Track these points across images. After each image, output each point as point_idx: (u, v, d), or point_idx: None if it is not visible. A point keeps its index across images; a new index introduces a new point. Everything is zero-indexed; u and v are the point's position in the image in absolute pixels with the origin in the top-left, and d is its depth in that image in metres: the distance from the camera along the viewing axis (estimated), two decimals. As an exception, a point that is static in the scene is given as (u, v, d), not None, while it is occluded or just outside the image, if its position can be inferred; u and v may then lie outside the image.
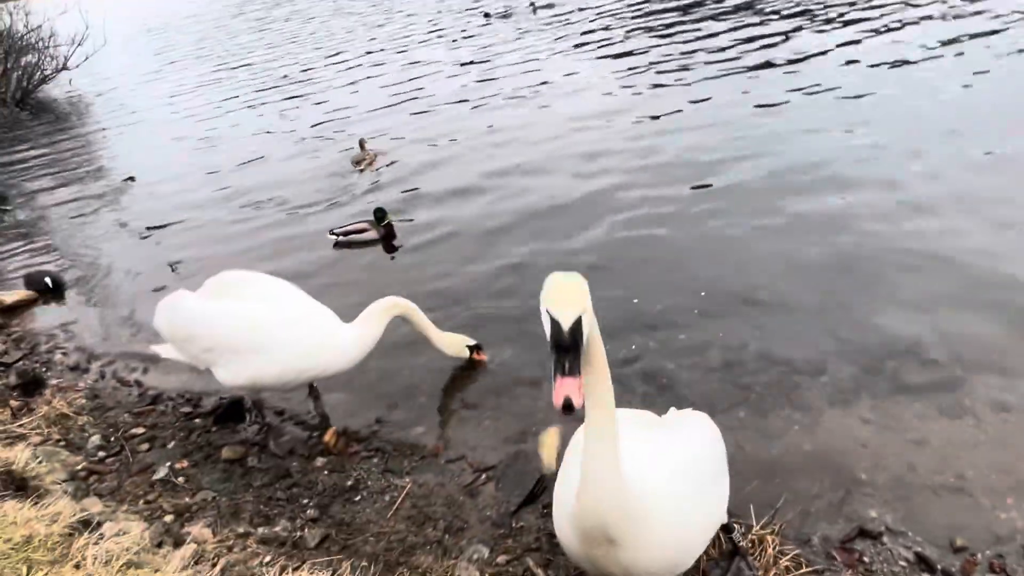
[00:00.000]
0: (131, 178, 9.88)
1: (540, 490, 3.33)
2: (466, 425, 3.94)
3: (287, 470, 3.71)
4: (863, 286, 4.53)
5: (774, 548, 2.77)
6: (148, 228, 7.80)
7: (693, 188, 6.34)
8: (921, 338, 3.97)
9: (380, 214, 6.41)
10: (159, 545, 2.69)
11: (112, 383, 4.85)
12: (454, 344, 4.27)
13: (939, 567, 2.72)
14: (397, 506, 3.35)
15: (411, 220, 6.76)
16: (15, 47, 18.54)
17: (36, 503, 2.61)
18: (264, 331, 3.57)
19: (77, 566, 2.03)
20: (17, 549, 2.07)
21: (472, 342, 4.30)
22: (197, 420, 4.24)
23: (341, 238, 6.46)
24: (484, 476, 3.52)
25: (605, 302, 4.86)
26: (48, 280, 6.36)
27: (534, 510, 3.26)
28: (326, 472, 3.67)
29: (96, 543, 2.20)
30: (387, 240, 6.43)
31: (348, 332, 3.79)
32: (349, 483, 3.56)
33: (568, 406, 1.75)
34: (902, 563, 2.77)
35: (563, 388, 1.76)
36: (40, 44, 19.40)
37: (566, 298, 1.83)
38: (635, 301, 4.80)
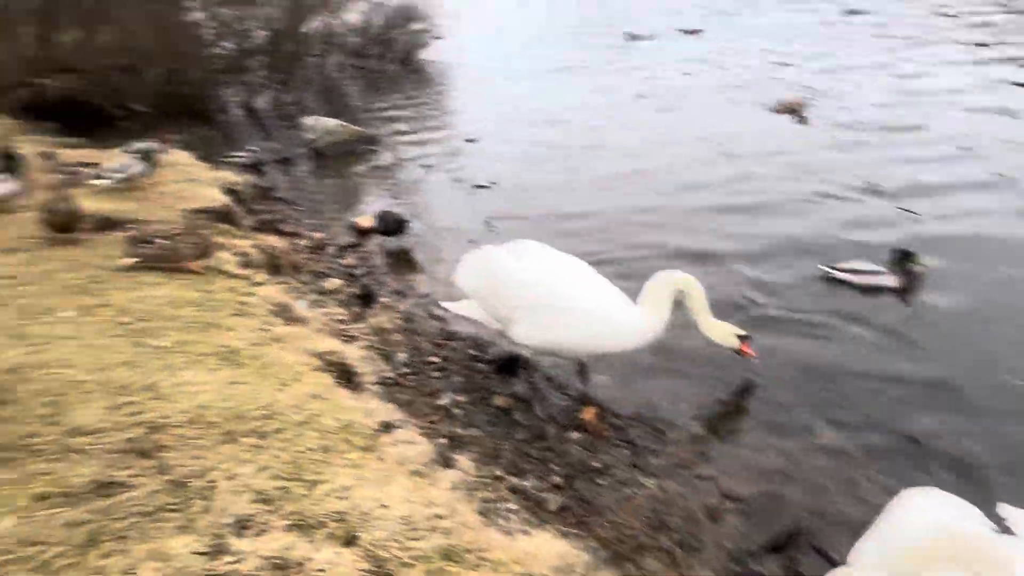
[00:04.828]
0: (472, 139, 11.20)
1: (790, 543, 3.09)
2: (726, 445, 3.82)
3: (544, 433, 3.98)
4: None
5: None
6: (475, 186, 8.81)
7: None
8: None
9: (904, 256, 5.27)
10: (434, 462, 3.11)
11: (422, 313, 5.66)
12: (723, 331, 4.15)
13: None
14: (637, 503, 3.40)
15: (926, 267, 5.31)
16: (406, 16, 21.97)
17: (357, 396, 3.21)
18: (571, 300, 3.88)
19: (380, 459, 2.47)
20: (343, 428, 2.58)
21: (742, 332, 4.12)
22: (480, 364, 4.76)
23: (840, 275, 5.35)
24: (731, 504, 3.38)
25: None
26: (395, 219, 7.55)
27: (778, 560, 3.05)
28: (577, 447, 3.86)
29: (394, 445, 2.64)
30: (905, 290, 5.20)
31: (638, 314, 3.92)
32: (596, 464, 3.70)
33: None
34: None
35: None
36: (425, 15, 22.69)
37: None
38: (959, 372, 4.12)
